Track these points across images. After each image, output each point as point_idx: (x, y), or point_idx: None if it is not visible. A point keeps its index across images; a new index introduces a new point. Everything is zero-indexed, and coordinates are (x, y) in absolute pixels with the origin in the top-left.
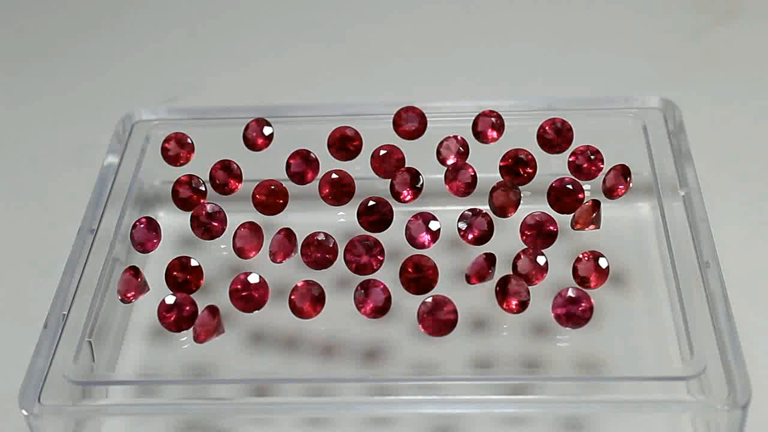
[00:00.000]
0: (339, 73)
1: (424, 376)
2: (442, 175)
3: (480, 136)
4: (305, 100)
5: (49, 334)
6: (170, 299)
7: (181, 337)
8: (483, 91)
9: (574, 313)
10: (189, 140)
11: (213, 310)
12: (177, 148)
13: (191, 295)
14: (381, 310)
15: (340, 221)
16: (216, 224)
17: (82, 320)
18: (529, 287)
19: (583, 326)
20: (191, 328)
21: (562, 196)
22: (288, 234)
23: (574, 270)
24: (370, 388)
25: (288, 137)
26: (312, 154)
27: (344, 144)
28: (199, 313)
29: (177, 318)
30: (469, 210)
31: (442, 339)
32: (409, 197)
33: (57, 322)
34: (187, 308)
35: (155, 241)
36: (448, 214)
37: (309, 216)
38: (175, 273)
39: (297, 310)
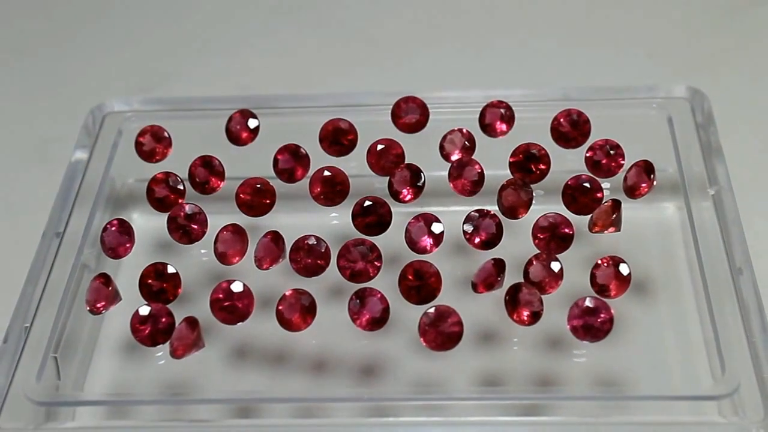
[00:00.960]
0: (332, 60)
1: (427, 395)
2: (446, 173)
3: (488, 129)
4: (294, 89)
5: (9, 349)
6: (144, 310)
7: (156, 352)
8: (491, 79)
9: (592, 325)
10: (166, 134)
11: (192, 323)
12: (152, 143)
13: (168, 306)
14: (378, 321)
15: (333, 223)
16: (195, 227)
17: (47, 334)
18: (542, 296)
19: (602, 339)
20: (168, 342)
21: (579, 196)
22: (275, 238)
23: (592, 277)
24: (367, 408)
25: (275, 130)
26: (302, 150)
27: (338, 138)
28: (177, 325)
29: (152, 331)
30: (476, 211)
31: (446, 354)
32: (409, 197)
33: (18, 336)
34: (164, 320)
35: (128, 245)
36: (452, 215)
37: (299, 218)
38: (150, 281)
39: (285, 322)
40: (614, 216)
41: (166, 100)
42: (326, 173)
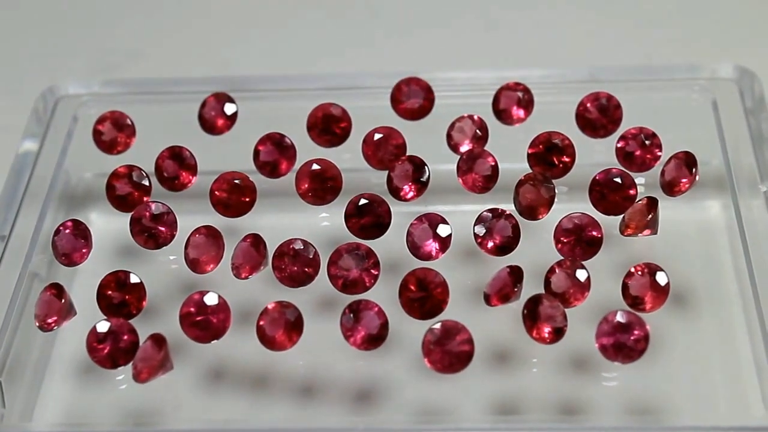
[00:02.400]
0: (322, 35)
1: (431, 425)
2: (454, 166)
3: (503, 115)
4: (278, 69)
5: None
6: (103, 326)
7: (117, 376)
8: (506, 57)
9: (624, 343)
10: (128, 121)
11: (158, 341)
12: (113, 131)
13: (130, 321)
14: (375, 339)
15: (323, 225)
16: (163, 229)
17: None
18: (566, 310)
19: (636, 360)
20: (130, 364)
21: (609, 193)
22: (256, 242)
23: (625, 288)
24: None
25: (256, 117)
26: (287, 139)
27: (328, 126)
28: (141, 344)
29: (112, 350)
30: (489, 210)
31: (454, 377)
32: (411, 194)
33: None
34: (125, 338)
35: (84, 250)
36: (461, 215)
37: (283, 218)
38: (109, 292)
39: (267, 340)
40: (650, 216)
41: (129, 82)
42: (315, 167)
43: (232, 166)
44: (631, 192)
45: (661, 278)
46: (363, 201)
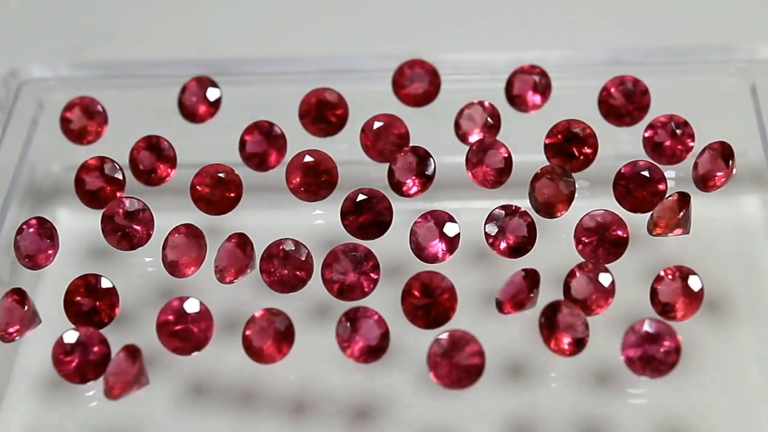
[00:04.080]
0: (316, 13)
1: None
2: (463, 158)
3: (517, 101)
4: (266, 50)
5: None
6: (71, 336)
7: (87, 391)
8: (521, 37)
9: (653, 355)
10: (100, 107)
11: (132, 353)
12: (83, 119)
13: (101, 331)
14: (375, 351)
15: (317, 223)
16: (138, 228)
17: None
18: (588, 318)
19: (667, 374)
20: (101, 378)
21: (636, 188)
22: (242, 242)
23: (654, 294)
24: None
25: (242, 103)
26: (276, 128)
27: (323, 113)
28: (113, 356)
29: (81, 363)
30: (502, 207)
31: (462, 393)
32: (415, 189)
33: None
34: (96, 349)
35: (50, 252)
36: (470, 213)
37: (272, 216)
38: (78, 298)
39: (254, 352)
40: (681, 214)
41: (100, 64)
42: (308, 159)
43: (216, 158)
44: (661, 187)
45: (694, 283)
46: (361, 197)
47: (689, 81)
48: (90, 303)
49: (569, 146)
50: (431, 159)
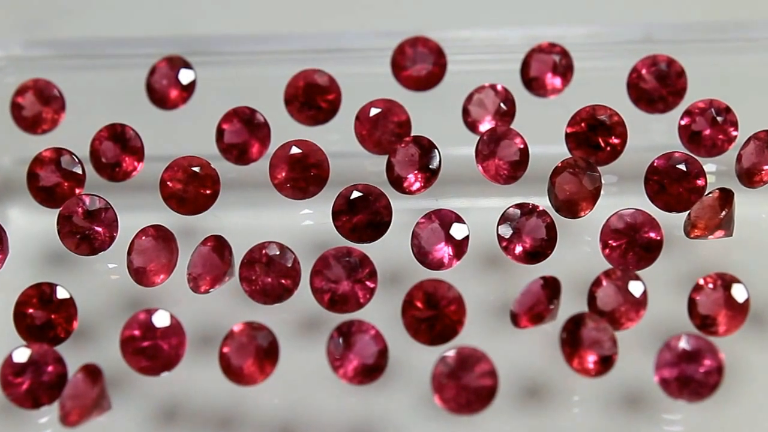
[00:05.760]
0: None
1: None
2: (472, 150)
3: (534, 84)
4: (247, 26)
5: None
6: (22, 355)
7: (40, 417)
8: (538, 12)
9: (691, 376)
10: (56, 92)
11: (92, 373)
12: (37, 105)
13: (57, 348)
14: (371, 370)
15: (305, 224)
16: (100, 229)
17: None
18: (616, 333)
19: (707, 398)
20: (57, 403)
21: (670, 184)
22: (218, 246)
23: (692, 305)
24: None
25: (220, 87)
26: (259, 116)
27: (312, 98)
28: (70, 377)
29: (33, 385)
30: (517, 206)
31: (472, 419)
32: (417, 185)
33: None
34: (50, 369)
35: None
36: (481, 213)
37: (254, 216)
38: (30, 310)
39: (233, 372)
40: (723, 213)
41: (57, 43)
42: (295, 150)
43: (190, 150)
44: (699, 182)
45: (739, 293)
46: (356, 194)
47: (731, 61)
48: (44, 316)
49: (594, 136)
50: (436, 151)
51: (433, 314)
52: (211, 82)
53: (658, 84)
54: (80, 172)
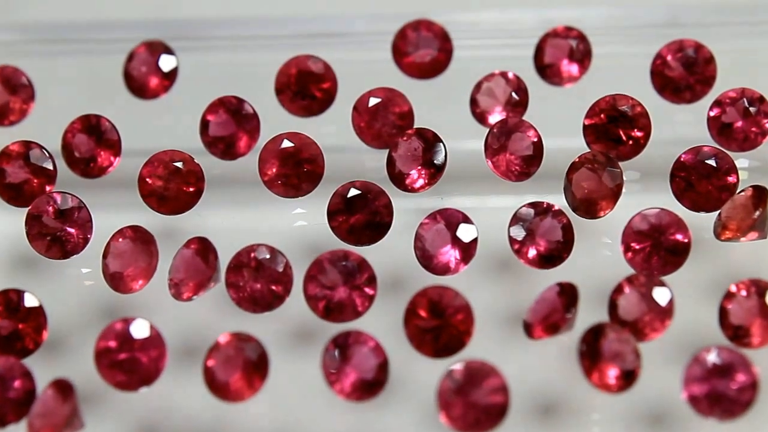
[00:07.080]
0: None
1: None
2: (481, 143)
3: (548, 72)
4: (235, 9)
5: None
6: None
7: None
8: None
9: (723, 392)
10: (25, 80)
11: (63, 389)
12: (4, 94)
13: (24, 361)
14: (370, 386)
15: (298, 225)
16: (73, 231)
17: None
18: (640, 345)
19: (740, 416)
20: (24, 421)
21: (699, 181)
22: (203, 249)
23: (723, 314)
24: None
25: (205, 75)
26: (247, 106)
27: (306, 87)
28: (39, 392)
29: None
30: (530, 205)
31: None
32: (421, 182)
33: None
34: (17, 384)
35: None
36: (490, 212)
37: (241, 216)
38: None
39: (219, 387)
40: (757, 213)
41: (25, 26)
42: (286, 144)
43: (171, 144)
44: (730, 179)
45: None
46: (353, 192)
47: (765, 46)
48: (10, 326)
49: (614, 128)
50: (441, 144)
51: (439, 324)
52: (195, 70)
53: (684, 71)
54: (51, 167)
